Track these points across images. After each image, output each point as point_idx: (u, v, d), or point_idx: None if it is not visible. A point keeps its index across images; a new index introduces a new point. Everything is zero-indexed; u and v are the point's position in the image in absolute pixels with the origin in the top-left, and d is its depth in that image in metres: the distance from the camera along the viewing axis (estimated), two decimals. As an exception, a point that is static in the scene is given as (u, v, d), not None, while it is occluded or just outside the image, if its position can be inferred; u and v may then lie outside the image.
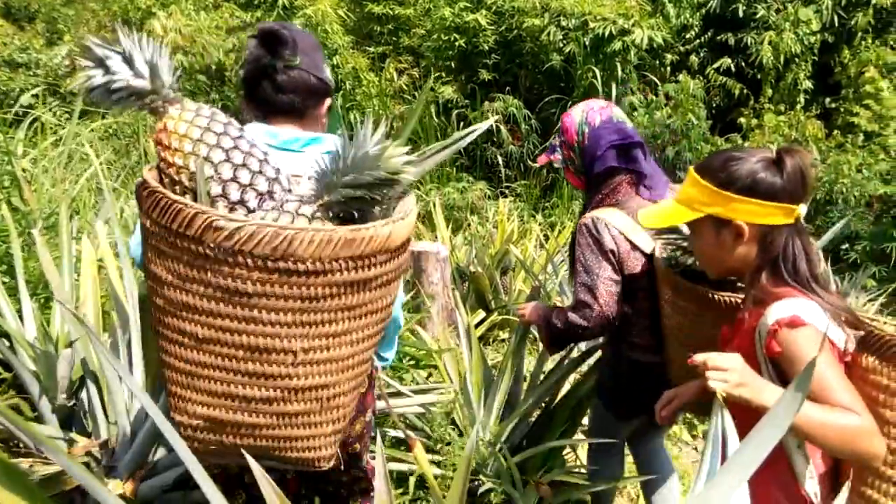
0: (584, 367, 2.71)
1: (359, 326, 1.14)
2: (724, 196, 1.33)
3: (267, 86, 1.45)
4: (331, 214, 1.15)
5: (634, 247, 1.80)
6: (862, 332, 1.30)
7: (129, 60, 1.13)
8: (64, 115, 7.28)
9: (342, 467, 1.40)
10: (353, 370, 1.18)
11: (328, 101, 1.55)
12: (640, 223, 1.48)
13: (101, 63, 1.13)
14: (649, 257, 1.80)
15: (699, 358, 1.24)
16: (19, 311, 2.43)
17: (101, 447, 2.11)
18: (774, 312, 1.28)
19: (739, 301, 1.46)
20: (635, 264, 1.81)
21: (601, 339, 2.11)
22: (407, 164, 1.11)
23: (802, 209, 1.33)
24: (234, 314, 1.08)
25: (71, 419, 2.24)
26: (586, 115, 1.91)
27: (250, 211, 1.15)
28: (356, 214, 1.15)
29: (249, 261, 1.04)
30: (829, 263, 3.51)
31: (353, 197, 1.12)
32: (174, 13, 7.86)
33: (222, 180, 1.13)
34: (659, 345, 1.82)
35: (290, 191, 1.20)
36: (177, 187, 1.14)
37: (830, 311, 1.29)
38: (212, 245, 1.04)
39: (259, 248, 1.03)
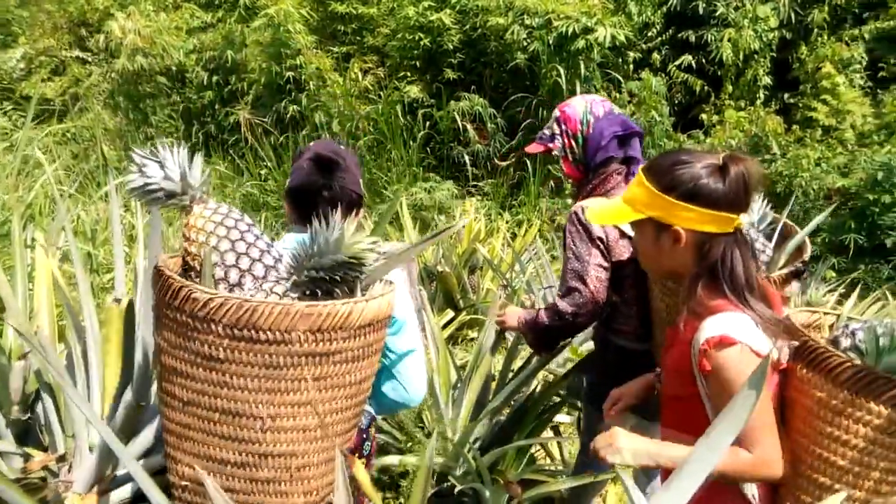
0: (554, 366, 2.72)
1: (324, 398, 1.25)
2: (666, 200, 1.34)
3: (318, 202, 1.64)
4: (299, 293, 1.32)
5: (623, 234, 1.84)
6: (797, 343, 1.32)
7: (162, 166, 1.34)
8: (20, 119, 7.10)
9: None
10: (321, 442, 1.28)
11: (360, 213, 1.72)
12: (588, 219, 1.52)
13: (139, 169, 1.33)
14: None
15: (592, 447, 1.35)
16: (-30, 323, 2.35)
17: (58, 461, 2.05)
18: (706, 330, 1.30)
19: None
20: (622, 251, 1.85)
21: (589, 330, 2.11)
22: (368, 250, 1.29)
23: (743, 219, 1.34)
24: (210, 378, 1.23)
25: (27, 433, 2.17)
26: (590, 105, 1.94)
27: (242, 287, 1.32)
28: (320, 293, 1.30)
29: (220, 329, 1.19)
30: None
31: (315, 278, 1.28)
32: (133, 14, 7.72)
33: (225, 266, 1.32)
34: (646, 333, 1.85)
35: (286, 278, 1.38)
36: (192, 273, 1.34)
37: (763, 324, 1.30)
38: (188, 313, 1.20)
39: (226, 318, 1.18)
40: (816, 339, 1.30)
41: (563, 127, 1.95)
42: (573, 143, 1.94)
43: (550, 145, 1.98)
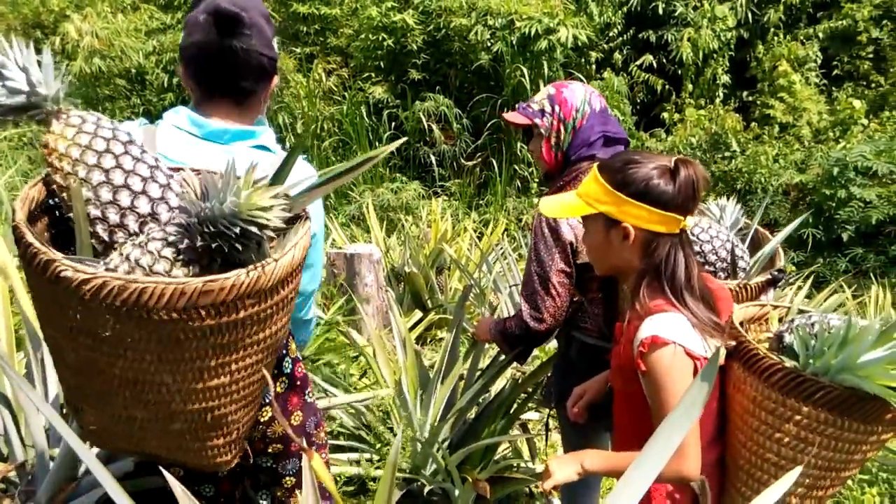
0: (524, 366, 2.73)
1: (235, 358, 1.12)
2: (617, 197, 1.37)
3: (218, 68, 1.37)
4: (193, 259, 1.08)
5: None
6: (733, 342, 1.37)
7: (1, 75, 1.08)
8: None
9: (259, 462, 1.47)
10: (238, 393, 1.16)
11: (275, 81, 1.49)
12: (541, 210, 1.49)
13: None
14: None
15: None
16: (-77, 333, 2.29)
17: (17, 471, 2.00)
18: (643, 330, 1.34)
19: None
20: None
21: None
22: (270, 208, 1.06)
23: (689, 221, 1.38)
24: (101, 350, 1.05)
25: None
26: (589, 96, 1.85)
27: (130, 234, 1.10)
28: (218, 260, 1.09)
29: (103, 308, 0.99)
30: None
31: (211, 245, 1.06)
32: (89, 16, 7.56)
33: (101, 203, 1.09)
34: (609, 333, 1.85)
35: (178, 208, 1.14)
36: (62, 206, 1.12)
37: (699, 325, 1.34)
38: (63, 288, 0.99)
39: (109, 300, 0.98)
40: (750, 340, 1.35)
41: (557, 109, 1.84)
42: (561, 127, 1.84)
43: (537, 121, 1.86)
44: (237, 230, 1.05)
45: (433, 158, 7.81)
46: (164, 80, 7.59)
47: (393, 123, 7.90)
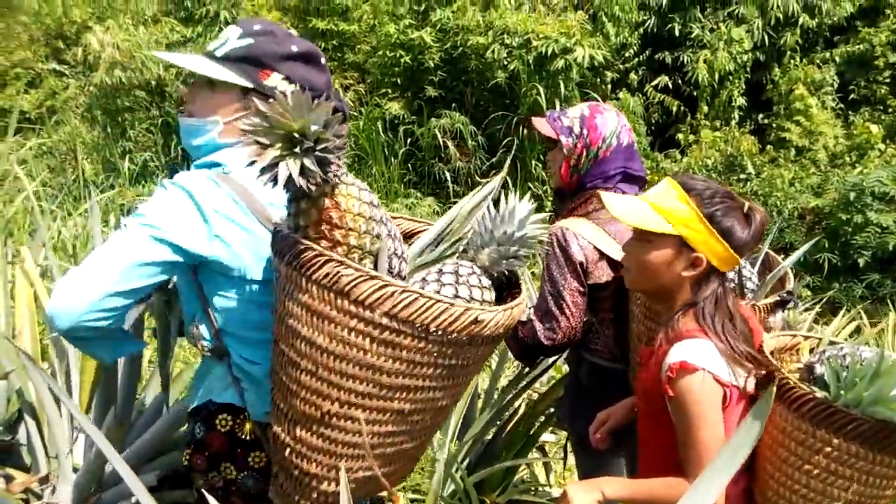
0: (539, 385, 2.73)
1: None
2: (706, 227, 1.35)
3: None
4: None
5: (602, 256, 1.79)
6: (763, 371, 1.37)
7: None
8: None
9: None
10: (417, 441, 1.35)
11: None
12: (615, 214, 1.43)
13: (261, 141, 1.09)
14: (616, 266, 1.79)
15: None
16: (-50, 341, 2.31)
17: (40, 483, 2.02)
18: (672, 355, 1.35)
19: None
20: (601, 274, 1.80)
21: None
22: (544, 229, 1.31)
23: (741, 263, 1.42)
24: (396, 384, 1.19)
25: (8, 454, 2.13)
26: (620, 128, 1.84)
27: (402, 279, 1.23)
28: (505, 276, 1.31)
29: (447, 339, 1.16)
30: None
31: (495, 259, 1.28)
32: (111, 28, 7.66)
33: (392, 254, 1.22)
34: (621, 354, 1.84)
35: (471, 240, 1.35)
36: (354, 252, 1.19)
37: (729, 353, 1.34)
38: (388, 315, 1.12)
39: (450, 327, 1.13)
40: (782, 370, 1.34)
41: (585, 132, 1.83)
42: (584, 153, 1.83)
43: (563, 138, 1.84)
44: (523, 253, 1.27)
45: (448, 175, 7.83)
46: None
47: (409, 139, 7.94)
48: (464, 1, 7.94)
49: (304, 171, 1.06)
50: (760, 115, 8.03)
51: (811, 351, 1.50)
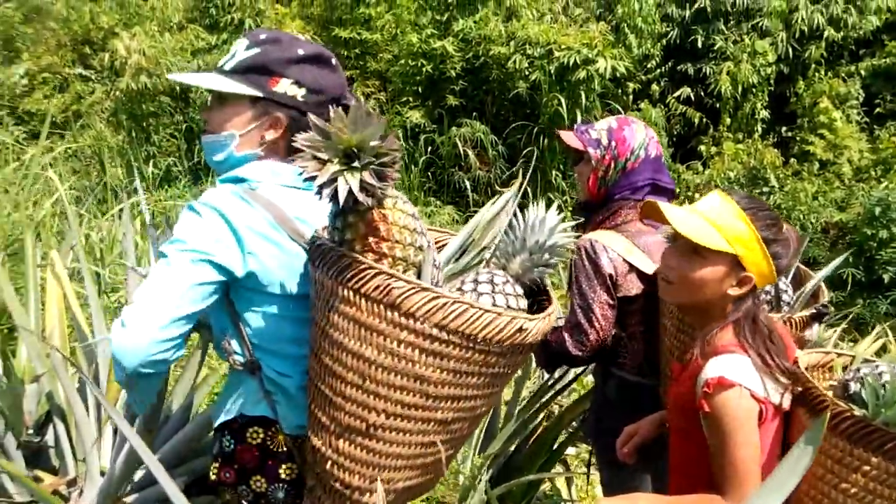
0: (561, 398, 2.72)
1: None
2: (762, 248, 1.35)
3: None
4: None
5: (631, 268, 1.79)
6: (800, 388, 1.36)
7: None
8: (20, 136, 7.11)
9: None
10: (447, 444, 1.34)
11: None
12: (675, 225, 1.38)
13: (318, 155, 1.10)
14: (646, 279, 1.78)
15: None
16: (-19, 343, 2.34)
17: (68, 485, 2.03)
18: (709, 370, 1.33)
19: None
20: (630, 287, 1.79)
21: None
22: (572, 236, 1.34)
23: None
24: (440, 393, 1.21)
25: (37, 456, 2.15)
26: (648, 140, 1.84)
27: (438, 286, 1.24)
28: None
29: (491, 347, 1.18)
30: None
31: (527, 267, 1.30)
32: (138, 34, 7.76)
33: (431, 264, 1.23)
34: (649, 368, 1.83)
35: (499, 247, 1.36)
36: (398, 264, 1.20)
37: (765, 369, 1.33)
38: (433, 324, 1.13)
39: (497, 335, 1.16)
40: (820, 387, 1.32)
41: (613, 144, 1.83)
42: (612, 164, 1.83)
43: (590, 150, 1.84)
44: (553, 261, 1.31)
45: (468, 184, 7.84)
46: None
47: (429, 148, 7.96)
48: (486, 11, 7.97)
49: (363, 185, 1.07)
50: (784, 128, 7.97)
51: (844, 369, 1.48)
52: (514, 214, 1.33)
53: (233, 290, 1.35)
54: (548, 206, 1.35)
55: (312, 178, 1.07)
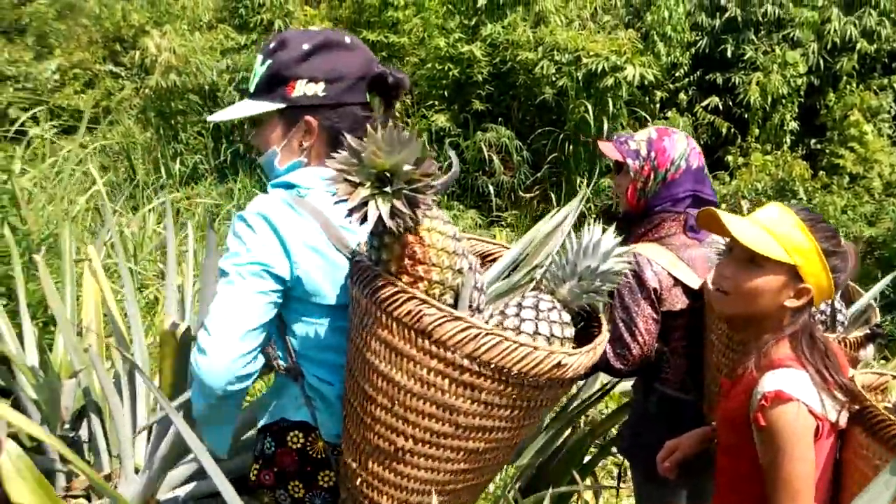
0: (592, 411, 2.69)
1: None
2: (821, 261, 1.33)
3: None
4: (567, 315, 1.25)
5: (676, 282, 1.76)
6: (857, 406, 1.33)
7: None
8: (51, 130, 7.20)
9: None
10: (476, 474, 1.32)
11: None
12: (734, 232, 1.36)
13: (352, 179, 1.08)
14: (691, 294, 1.76)
15: None
16: (19, 336, 2.37)
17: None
18: (765, 384, 1.31)
19: None
20: (675, 301, 1.77)
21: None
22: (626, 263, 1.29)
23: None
24: (471, 424, 1.18)
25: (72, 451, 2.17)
26: (689, 151, 1.82)
27: (480, 311, 1.21)
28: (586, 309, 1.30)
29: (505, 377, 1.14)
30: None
31: (577, 294, 1.24)
32: (168, 33, 7.83)
33: (473, 287, 1.19)
34: (692, 384, 1.81)
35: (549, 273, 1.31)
36: (434, 288, 1.16)
37: (823, 385, 1.30)
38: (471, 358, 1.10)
39: (534, 370, 1.12)
40: (877, 406, 1.30)
41: (653, 155, 1.80)
42: (652, 175, 1.81)
43: (629, 161, 1.82)
44: (605, 287, 1.25)
45: (491, 188, 7.82)
46: (235, 98, 7.80)
47: (454, 152, 7.95)
48: (515, 17, 7.95)
49: (393, 211, 1.05)
50: (813, 140, 7.87)
51: (901, 391, 1.45)
52: (569, 235, 1.28)
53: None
54: (609, 229, 1.29)
55: (344, 201, 1.05)
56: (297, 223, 1.30)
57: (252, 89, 1.41)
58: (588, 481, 2.39)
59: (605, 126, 7.49)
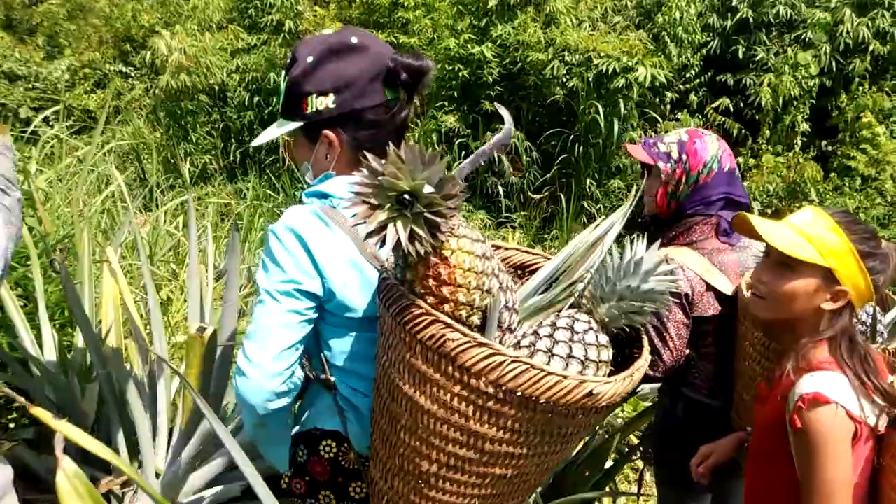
0: (612, 417, 2.68)
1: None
2: (857, 262, 1.31)
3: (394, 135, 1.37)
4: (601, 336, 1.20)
5: (709, 288, 1.74)
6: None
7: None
8: (64, 131, 7.21)
9: None
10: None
11: None
12: (764, 234, 1.36)
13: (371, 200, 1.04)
14: (723, 299, 1.74)
15: None
16: (38, 337, 2.36)
17: (122, 486, 2.04)
18: (803, 386, 1.30)
19: None
20: (706, 307, 1.75)
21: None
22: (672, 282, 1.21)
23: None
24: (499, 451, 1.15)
25: (89, 454, 2.16)
26: (722, 153, 1.80)
27: (512, 331, 1.17)
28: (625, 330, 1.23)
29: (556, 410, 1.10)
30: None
31: (615, 316, 1.19)
32: (179, 33, 7.84)
33: (503, 307, 1.15)
34: (721, 390, 1.79)
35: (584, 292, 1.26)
36: (461, 311, 1.11)
37: (862, 389, 1.29)
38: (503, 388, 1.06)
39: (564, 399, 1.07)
40: None
41: (685, 157, 1.79)
42: (684, 178, 1.79)
43: (660, 164, 1.81)
44: (647, 308, 1.19)
45: (500, 189, 7.80)
46: (245, 99, 7.81)
47: (463, 153, 7.93)
48: (525, 17, 7.93)
49: (413, 235, 1.01)
50: (824, 142, 7.83)
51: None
52: (610, 252, 1.22)
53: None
54: (640, 240, 1.24)
55: (365, 222, 1.03)
56: (327, 237, 1.29)
57: (280, 110, 1.42)
58: (608, 488, 2.37)
59: (616, 127, 7.47)
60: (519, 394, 1.05)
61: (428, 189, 1.01)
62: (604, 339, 1.19)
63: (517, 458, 1.14)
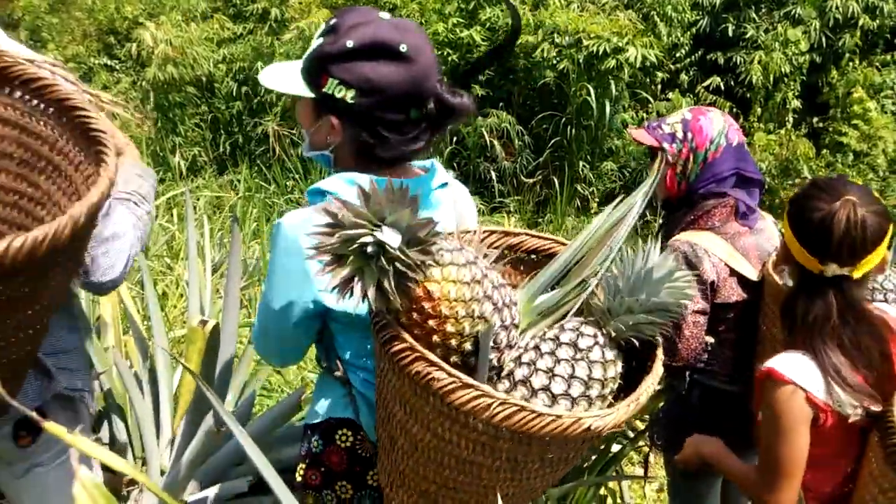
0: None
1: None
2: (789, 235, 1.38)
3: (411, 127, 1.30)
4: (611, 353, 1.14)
5: (732, 273, 1.71)
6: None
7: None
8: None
9: None
10: None
11: None
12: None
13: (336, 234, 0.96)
14: (747, 285, 1.72)
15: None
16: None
17: (127, 485, 2.02)
18: (768, 363, 1.33)
19: None
20: (729, 293, 1.72)
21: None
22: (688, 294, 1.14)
23: (832, 268, 1.33)
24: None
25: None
26: (728, 128, 1.76)
27: (511, 347, 1.13)
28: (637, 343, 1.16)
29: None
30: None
31: (623, 331, 1.12)
32: (164, 24, 7.74)
33: (498, 330, 1.08)
34: (738, 376, 1.77)
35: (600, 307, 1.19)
36: (437, 350, 1.04)
37: (830, 374, 1.28)
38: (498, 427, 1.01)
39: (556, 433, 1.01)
40: (893, 413, 1.28)
41: (690, 136, 1.75)
42: (691, 157, 1.75)
43: (665, 145, 1.76)
44: (660, 320, 1.13)
45: (493, 174, 7.78)
46: (233, 89, 7.73)
47: (454, 138, 7.89)
48: (514, -1, 7.88)
49: (380, 289, 0.93)
50: (816, 119, 7.83)
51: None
52: (621, 256, 1.14)
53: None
54: (654, 244, 1.15)
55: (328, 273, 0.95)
56: None
57: (302, 64, 1.33)
58: (614, 472, 2.37)
59: (607, 109, 7.45)
60: (513, 430, 0.99)
61: (394, 241, 0.90)
62: (611, 354, 1.13)
63: (518, 480, 1.11)
